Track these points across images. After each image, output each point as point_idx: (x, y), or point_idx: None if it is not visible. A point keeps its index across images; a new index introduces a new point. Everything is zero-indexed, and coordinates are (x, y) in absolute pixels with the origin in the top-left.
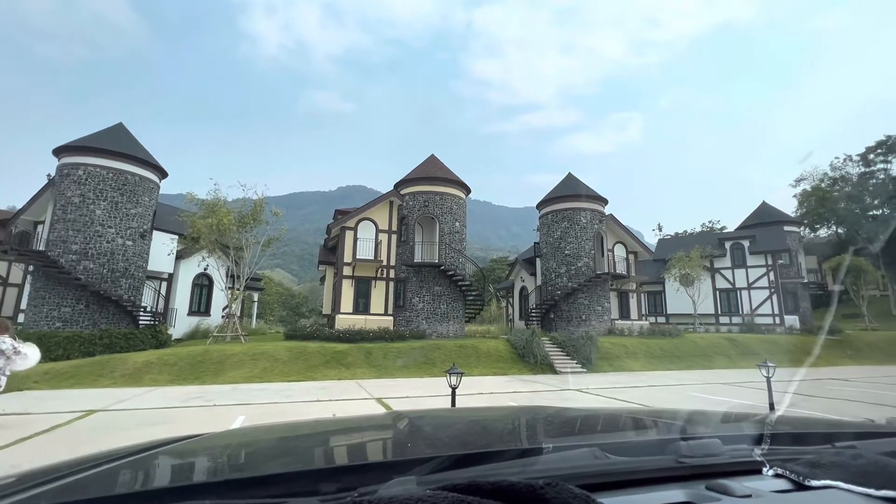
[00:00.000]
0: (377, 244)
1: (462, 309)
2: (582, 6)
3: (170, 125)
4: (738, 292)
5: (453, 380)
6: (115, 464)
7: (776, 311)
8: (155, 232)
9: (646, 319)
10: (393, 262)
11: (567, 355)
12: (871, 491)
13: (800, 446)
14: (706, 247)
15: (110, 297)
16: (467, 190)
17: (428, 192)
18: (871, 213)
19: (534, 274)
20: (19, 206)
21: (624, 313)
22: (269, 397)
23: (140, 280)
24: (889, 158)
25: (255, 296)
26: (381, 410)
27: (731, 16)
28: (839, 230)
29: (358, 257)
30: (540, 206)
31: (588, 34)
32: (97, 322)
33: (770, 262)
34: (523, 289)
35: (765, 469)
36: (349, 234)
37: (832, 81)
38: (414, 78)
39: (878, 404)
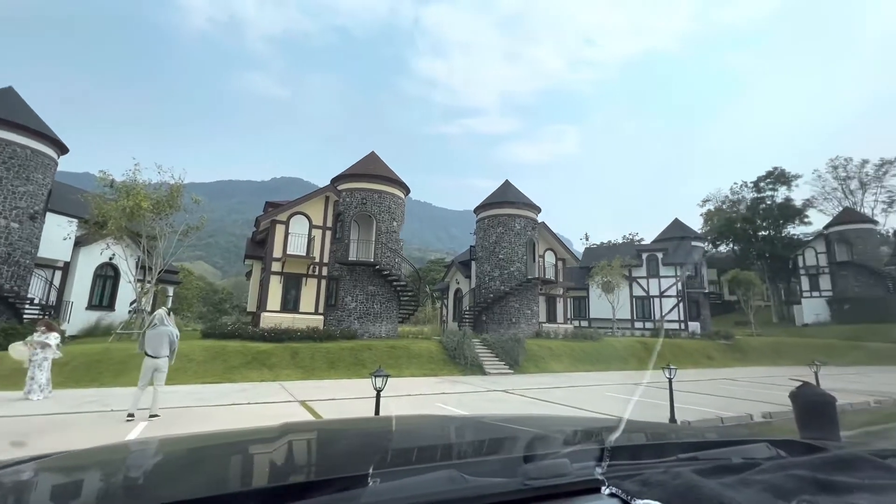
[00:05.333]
0: (310, 240)
1: (396, 309)
2: (525, 18)
3: (70, 91)
4: (651, 300)
5: (378, 382)
6: None
7: (682, 318)
8: (49, 214)
9: (570, 323)
10: (326, 260)
11: (496, 357)
12: None
13: (643, 461)
14: (626, 257)
15: None
16: (407, 190)
17: (366, 190)
18: (760, 233)
19: (469, 276)
20: None
21: (551, 317)
22: (180, 400)
23: (26, 268)
24: (775, 187)
25: (171, 290)
26: (304, 413)
27: (656, 44)
28: (735, 247)
29: (289, 253)
30: (477, 210)
31: (530, 45)
32: None
33: (678, 273)
34: (458, 291)
35: (603, 488)
36: (280, 228)
37: (739, 111)
38: (357, 70)
39: (757, 401)
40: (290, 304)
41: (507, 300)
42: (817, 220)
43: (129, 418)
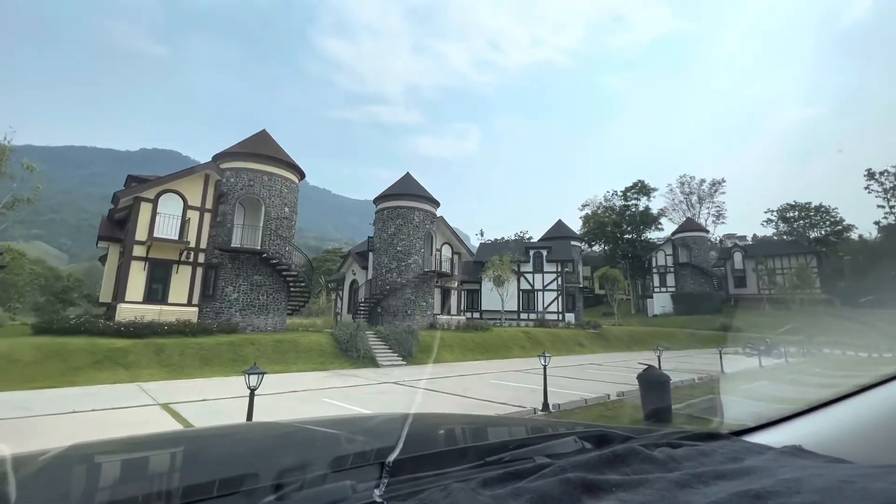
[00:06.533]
0: (184, 222)
1: (285, 301)
2: (434, 12)
3: None
4: (536, 293)
5: (253, 381)
6: None
7: (560, 310)
8: None
9: (463, 315)
10: (204, 245)
11: (390, 349)
12: None
13: (431, 472)
14: (515, 253)
15: None
16: (301, 174)
17: (254, 171)
18: (625, 236)
19: (366, 268)
20: None
21: (445, 309)
22: None
23: None
24: (638, 197)
25: None
26: (167, 418)
27: (552, 58)
28: (606, 247)
29: (156, 235)
30: (377, 201)
31: (438, 40)
32: None
33: (559, 270)
34: (354, 282)
35: None
36: (146, 207)
37: (616, 127)
38: (252, 38)
39: (615, 383)
40: (156, 294)
41: (403, 292)
42: (668, 227)
43: None
